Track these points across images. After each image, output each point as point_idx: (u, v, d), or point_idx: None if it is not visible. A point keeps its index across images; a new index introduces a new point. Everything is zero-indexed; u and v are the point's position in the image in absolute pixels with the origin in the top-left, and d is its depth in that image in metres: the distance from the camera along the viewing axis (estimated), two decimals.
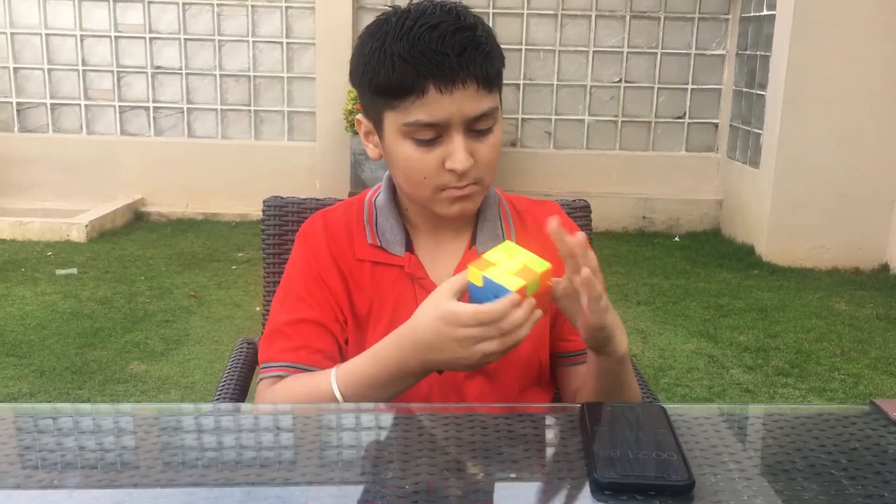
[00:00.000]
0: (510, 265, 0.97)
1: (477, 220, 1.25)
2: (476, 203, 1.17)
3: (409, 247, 1.23)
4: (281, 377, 1.16)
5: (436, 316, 0.99)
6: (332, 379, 1.08)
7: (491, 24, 5.56)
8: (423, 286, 1.21)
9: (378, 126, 1.16)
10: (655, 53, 6.32)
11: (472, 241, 1.24)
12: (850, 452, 0.82)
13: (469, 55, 1.07)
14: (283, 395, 1.13)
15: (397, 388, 1.06)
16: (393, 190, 1.26)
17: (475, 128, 1.11)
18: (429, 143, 1.10)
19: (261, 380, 1.19)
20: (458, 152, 1.09)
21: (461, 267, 1.21)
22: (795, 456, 0.81)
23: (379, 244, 1.22)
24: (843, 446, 0.83)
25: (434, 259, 1.23)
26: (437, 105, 1.07)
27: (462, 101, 1.08)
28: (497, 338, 0.96)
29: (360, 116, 1.21)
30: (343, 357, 1.21)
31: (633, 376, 1.17)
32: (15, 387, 3.28)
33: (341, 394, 1.07)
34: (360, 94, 1.17)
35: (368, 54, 1.11)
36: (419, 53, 1.06)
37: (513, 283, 0.95)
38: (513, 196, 1.33)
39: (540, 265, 0.98)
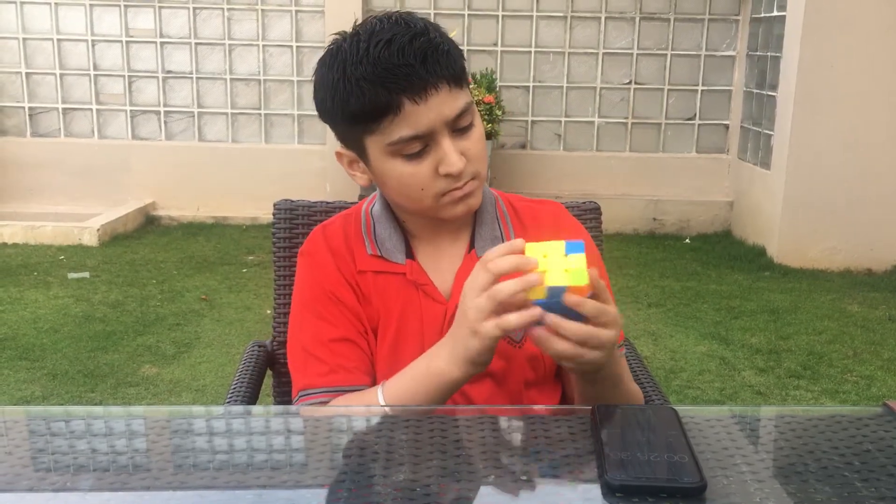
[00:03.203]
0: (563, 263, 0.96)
1: (475, 223, 1.24)
2: (478, 198, 1.16)
3: (410, 254, 1.22)
4: (324, 402, 1.15)
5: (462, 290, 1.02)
6: (380, 396, 1.09)
7: (500, 27, 5.54)
8: (426, 292, 1.21)
9: (361, 153, 1.15)
10: (665, 55, 6.31)
11: (471, 245, 1.23)
12: (863, 454, 0.81)
13: (433, 59, 1.06)
14: None
15: (442, 394, 1.06)
16: (387, 201, 1.25)
17: (457, 126, 1.10)
18: (418, 155, 1.09)
19: (303, 406, 1.17)
20: (450, 156, 1.09)
21: (462, 271, 1.21)
22: (808, 458, 0.81)
23: (379, 254, 1.22)
24: (856, 448, 0.83)
25: (435, 264, 1.23)
26: (415, 117, 1.06)
27: (439, 106, 1.07)
28: (486, 287, 0.96)
29: (339, 149, 1.19)
30: (374, 369, 1.21)
31: (627, 383, 1.16)
32: (28, 390, 3.30)
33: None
34: (333, 127, 1.16)
35: (333, 85, 1.09)
36: (384, 71, 1.05)
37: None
38: (511, 195, 1.31)
39: (580, 277, 0.94)
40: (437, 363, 1.05)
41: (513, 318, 0.96)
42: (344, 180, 6.15)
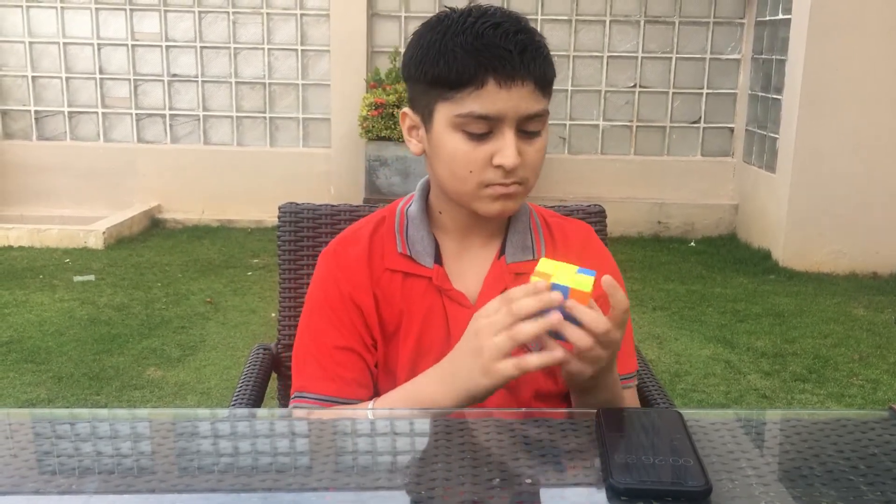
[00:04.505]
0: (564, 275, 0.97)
1: (507, 229, 1.25)
2: (518, 203, 1.17)
3: (438, 258, 1.22)
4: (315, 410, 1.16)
5: (471, 324, 1.01)
6: (369, 417, 1.09)
7: None
8: (451, 297, 1.21)
9: (427, 119, 1.15)
10: (670, 58, 6.31)
11: (502, 251, 1.23)
12: (868, 458, 0.81)
13: (530, 55, 1.09)
14: None
15: None
16: (425, 199, 1.25)
17: (525, 128, 1.11)
18: (479, 138, 1.10)
19: (295, 408, 1.19)
20: (508, 148, 1.09)
21: (490, 277, 1.21)
22: (813, 462, 0.81)
23: (409, 254, 1.22)
24: (862, 452, 0.83)
25: (463, 269, 1.23)
26: (493, 98, 1.08)
27: (519, 99, 1.08)
28: (507, 328, 0.95)
29: (406, 110, 1.20)
30: (374, 381, 1.21)
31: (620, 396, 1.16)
32: (33, 393, 3.31)
33: None
34: (411, 87, 1.17)
35: (427, 46, 1.11)
36: (482, 46, 1.07)
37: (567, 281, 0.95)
38: (544, 210, 1.33)
39: (585, 284, 0.96)
40: (431, 392, 1.04)
41: (533, 360, 0.96)
42: (348, 184, 6.17)
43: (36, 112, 6.36)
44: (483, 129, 1.10)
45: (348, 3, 6.10)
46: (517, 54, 1.07)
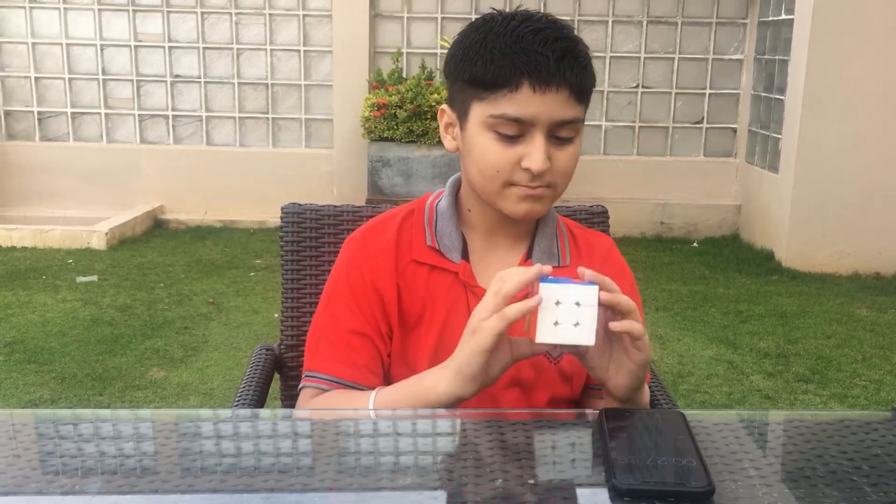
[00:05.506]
0: None
1: (535, 233, 1.26)
2: (545, 207, 1.18)
3: (466, 254, 1.24)
4: (323, 390, 1.18)
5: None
6: (371, 404, 1.11)
7: None
8: (475, 294, 1.21)
9: (462, 117, 1.17)
10: (673, 58, 6.31)
11: (528, 255, 1.24)
12: (871, 459, 0.81)
13: (567, 62, 1.10)
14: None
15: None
16: (455, 195, 1.27)
17: (558, 134, 1.13)
18: (510, 140, 1.12)
19: (303, 387, 1.21)
20: (536, 153, 1.11)
21: None
22: (816, 462, 0.81)
23: (437, 247, 1.23)
24: (865, 453, 0.83)
25: (488, 268, 1.24)
26: (527, 102, 1.09)
27: (552, 105, 1.10)
28: (496, 308, 0.99)
29: (444, 106, 1.22)
30: (385, 369, 1.22)
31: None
32: (36, 393, 3.31)
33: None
34: (450, 84, 1.19)
35: (468, 45, 1.13)
36: (520, 50, 1.08)
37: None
38: (569, 220, 1.35)
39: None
40: (428, 378, 1.07)
41: (514, 308, 0.98)
42: (351, 184, 6.17)
43: (39, 113, 6.37)
44: (514, 131, 1.11)
45: (351, 3, 6.10)
46: (554, 60, 1.08)
